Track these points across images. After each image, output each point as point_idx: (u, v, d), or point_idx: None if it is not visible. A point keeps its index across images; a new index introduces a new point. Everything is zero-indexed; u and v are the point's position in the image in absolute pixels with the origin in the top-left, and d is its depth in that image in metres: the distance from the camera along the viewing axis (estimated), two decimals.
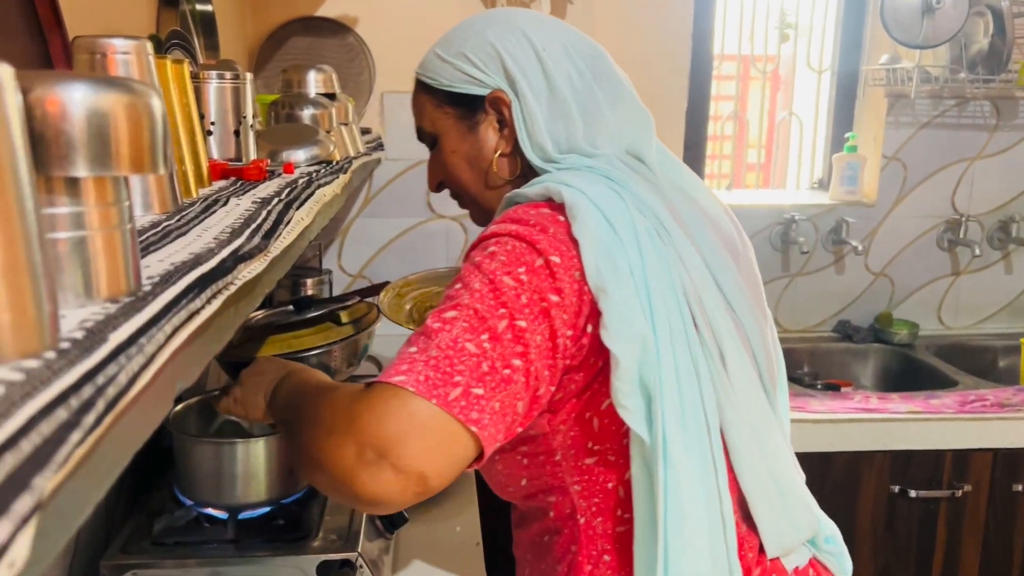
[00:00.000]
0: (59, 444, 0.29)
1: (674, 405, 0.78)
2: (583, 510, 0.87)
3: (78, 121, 0.39)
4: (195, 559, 1.02)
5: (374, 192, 2.15)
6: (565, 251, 0.80)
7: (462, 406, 0.71)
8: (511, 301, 0.76)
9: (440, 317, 0.76)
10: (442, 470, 0.71)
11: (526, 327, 0.76)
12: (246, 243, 0.59)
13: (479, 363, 0.73)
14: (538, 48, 0.93)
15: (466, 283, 0.78)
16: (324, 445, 0.72)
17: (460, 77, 0.95)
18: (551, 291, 0.78)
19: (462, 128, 0.96)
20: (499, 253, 0.79)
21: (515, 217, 0.83)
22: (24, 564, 0.26)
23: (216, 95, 1.00)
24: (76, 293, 0.40)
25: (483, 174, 0.97)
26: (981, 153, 2.32)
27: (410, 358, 0.73)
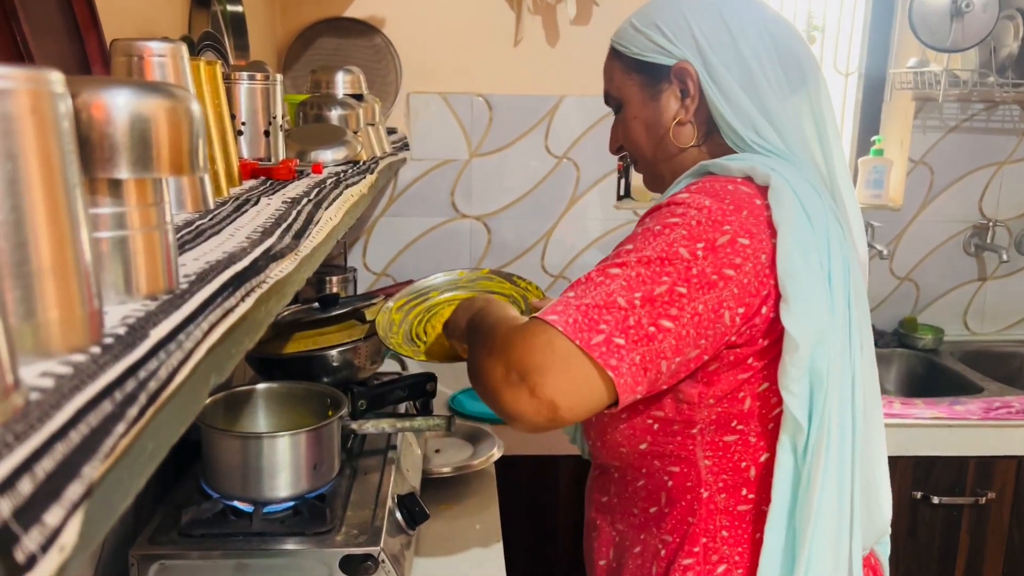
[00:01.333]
0: (105, 435, 0.30)
1: (835, 395, 0.83)
2: (708, 484, 0.90)
3: (122, 125, 0.41)
4: (220, 551, 1.04)
5: (399, 191, 2.17)
6: (756, 233, 0.83)
7: (602, 351, 0.77)
8: (680, 271, 0.80)
9: (604, 271, 0.81)
10: (573, 404, 0.78)
11: (686, 293, 0.79)
12: (277, 242, 0.61)
13: (626, 316, 0.78)
14: (729, 23, 0.94)
15: (639, 246, 0.82)
16: (484, 361, 0.82)
17: (650, 46, 0.97)
18: (728, 266, 0.81)
19: (645, 95, 0.99)
20: (682, 225, 0.82)
21: (712, 191, 0.85)
22: (72, 548, 0.27)
23: (247, 96, 1.02)
24: (117, 290, 0.42)
25: (659, 140, 0.99)
26: (1009, 158, 2.30)
27: (565, 301, 0.80)
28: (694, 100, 0.95)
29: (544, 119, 2.15)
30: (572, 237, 2.22)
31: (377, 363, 1.43)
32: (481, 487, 1.42)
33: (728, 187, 0.86)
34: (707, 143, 0.98)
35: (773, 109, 0.92)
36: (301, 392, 1.26)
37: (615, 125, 1.06)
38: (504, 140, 2.15)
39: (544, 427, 0.79)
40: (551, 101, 2.14)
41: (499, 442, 1.51)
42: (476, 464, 1.44)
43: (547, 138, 2.16)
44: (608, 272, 0.81)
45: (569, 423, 0.79)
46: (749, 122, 0.92)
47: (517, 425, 0.80)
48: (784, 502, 0.85)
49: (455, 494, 1.40)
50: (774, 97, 0.92)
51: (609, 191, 2.21)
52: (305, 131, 1.23)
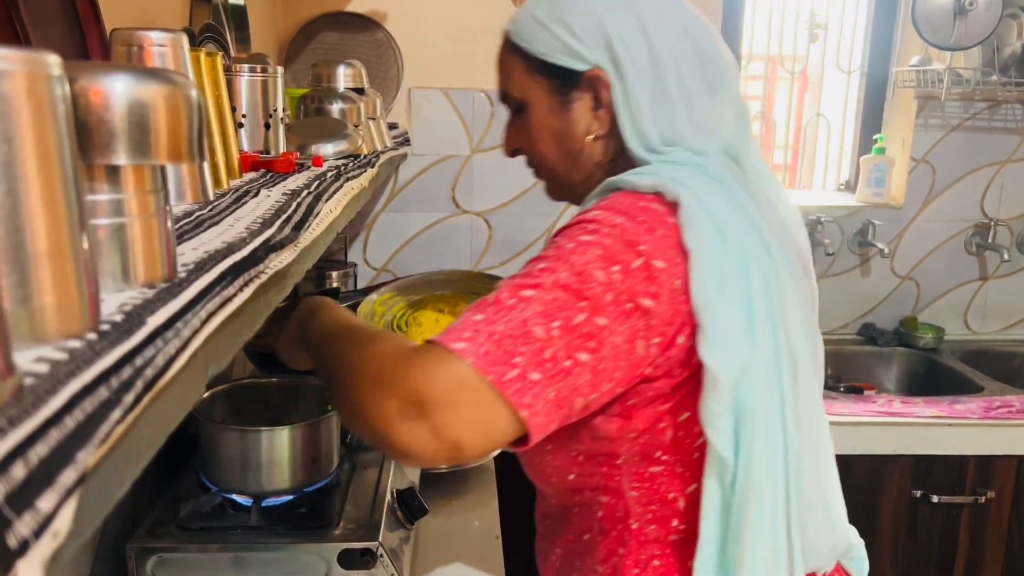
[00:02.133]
0: (100, 421, 0.30)
1: (762, 428, 0.77)
2: (637, 516, 0.85)
3: (120, 111, 0.40)
4: (219, 544, 1.04)
5: (400, 187, 2.16)
6: (671, 256, 0.76)
7: (516, 388, 0.70)
8: (596, 297, 0.73)
9: (517, 293, 0.73)
10: (479, 443, 0.71)
11: (605, 325, 0.73)
12: (277, 233, 0.61)
13: (542, 349, 0.71)
14: (648, 26, 0.86)
15: (553, 266, 0.75)
16: (369, 393, 0.72)
17: (558, 47, 0.87)
18: (644, 295, 0.74)
19: (554, 103, 0.89)
20: (594, 246, 0.75)
21: (623, 208, 0.78)
22: (66, 535, 0.27)
23: (247, 88, 1.01)
24: (114, 278, 0.42)
25: (571, 154, 0.91)
26: (1012, 157, 2.29)
27: (475, 327, 0.72)
28: (609, 111, 0.87)
29: None
30: None
31: None
32: (480, 482, 1.42)
33: (639, 204, 0.79)
34: (620, 158, 0.89)
35: (681, 127, 0.86)
36: (300, 386, 1.26)
37: (512, 127, 0.96)
38: None
39: (441, 464, 0.74)
40: None
41: None
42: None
43: None
44: (522, 295, 0.73)
45: (469, 461, 0.74)
46: (645, 144, 0.86)
47: (409, 462, 0.74)
48: (713, 538, 0.80)
49: (454, 489, 1.40)
50: (686, 110, 0.86)
51: None
52: (306, 124, 1.23)
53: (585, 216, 0.79)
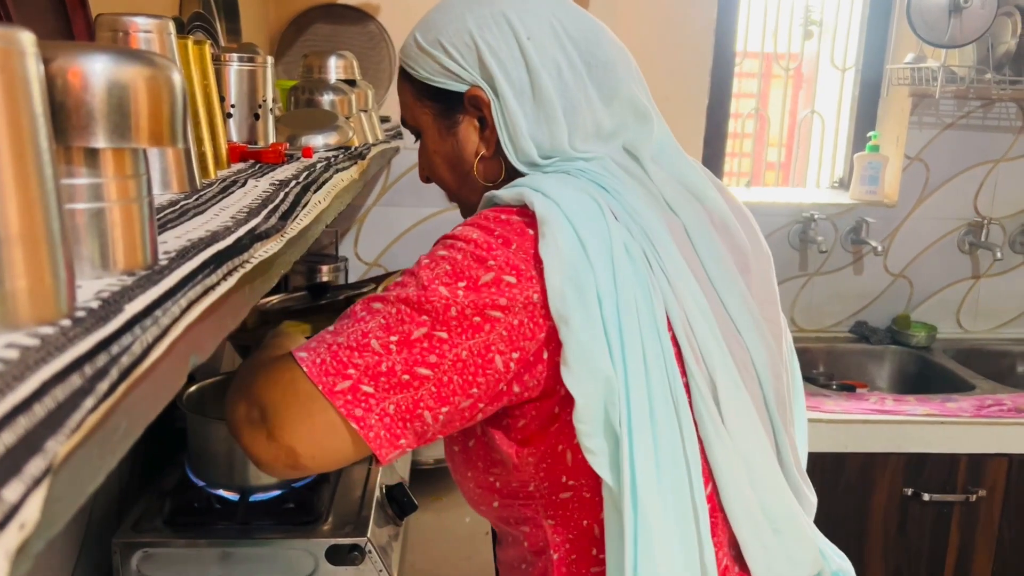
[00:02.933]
0: (72, 409, 0.29)
1: (646, 447, 0.73)
2: (557, 545, 0.82)
3: (99, 92, 0.39)
4: (206, 539, 1.03)
5: (392, 181, 2.15)
6: (524, 270, 0.74)
7: (347, 400, 0.70)
8: (437, 312, 0.72)
9: (368, 306, 0.75)
10: (315, 453, 0.72)
11: (447, 338, 0.72)
12: (263, 223, 0.60)
13: (379, 362, 0.71)
14: (521, 36, 0.83)
15: (404, 280, 0.75)
16: (230, 397, 0.77)
17: (437, 70, 0.86)
18: (492, 308, 0.73)
19: (441, 127, 0.88)
20: (445, 261, 0.75)
21: (481, 223, 0.77)
22: (34, 527, 0.26)
23: (236, 78, 1.00)
24: (93, 264, 0.40)
25: (464, 176, 0.90)
26: (1005, 155, 2.29)
27: (321, 337, 0.74)
28: (494, 131, 0.84)
29: None
30: None
31: None
32: None
33: (501, 217, 0.77)
34: (517, 175, 0.85)
35: (561, 139, 0.83)
36: None
37: (419, 152, 0.95)
38: None
39: (286, 474, 0.74)
40: None
41: None
42: None
43: None
44: (371, 307, 0.74)
45: (315, 472, 0.74)
46: (526, 160, 0.83)
47: (259, 468, 0.75)
48: (616, 563, 0.75)
49: (445, 486, 1.39)
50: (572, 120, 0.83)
51: None
52: (296, 115, 1.21)
53: (448, 233, 0.78)
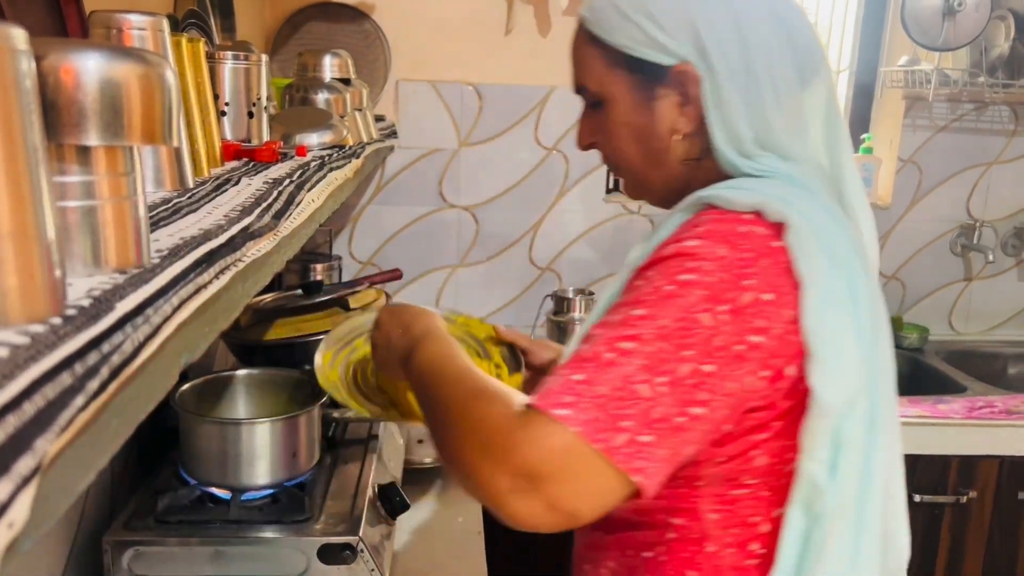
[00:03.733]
0: (62, 408, 0.29)
1: (857, 458, 0.75)
2: (716, 539, 0.80)
3: (91, 90, 0.39)
4: (197, 538, 1.02)
5: (386, 180, 2.15)
6: (779, 286, 0.71)
7: (626, 454, 0.67)
8: (702, 343, 0.68)
9: (614, 345, 0.69)
10: (595, 509, 0.69)
11: (715, 372, 0.69)
12: (256, 221, 0.59)
13: (650, 408, 0.67)
14: (739, 15, 0.80)
15: (652, 312, 0.70)
16: (479, 464, 0.69)
17: (643, 40, 0.81)
18: (753, 332, 0.70)
19: (637, 99, 0.83)
20: (699, 284, 0.70)
21: (724, 236, 0.73)
22: (23, 525, 0.26)
23: (231, 76, 1.00)
24: (84, 262, 0.40)
25: (654, 153, 0.85)
26: (998, 158, 2.30)
27: (575, 390, 0.68)
28: (696, 108, 0.81)
29: (534, 110, 2.14)
30: (560, 230, 2.21)
31: None
32: None
33: (740, 229, 0.73)
34: (707, 157, 0.84)
35: (775, 127, 0.80)
36: (282, 379, 1.25)
37: (589, 120, 0.90)
38: (494, 130, 2.14)
39: (557, 530, 0.70)
40: (541, 92, 2.13)
41: None
42: None
43: (537, 129, 2.15)
44: (620, 347, 0.69)
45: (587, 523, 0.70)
46: (736, 144, 0.81)
47: (524, 529, 0.71)
48: (790, 565, 0.76)
49: (437, 485, 1.39)
50: (778, 108, 0.80)
51: (598, 184, 2.20)
52: (290, 114, 1.21)
53: (684, 248, 0.72)
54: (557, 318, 1.86)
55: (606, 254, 2.24)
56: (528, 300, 2.20)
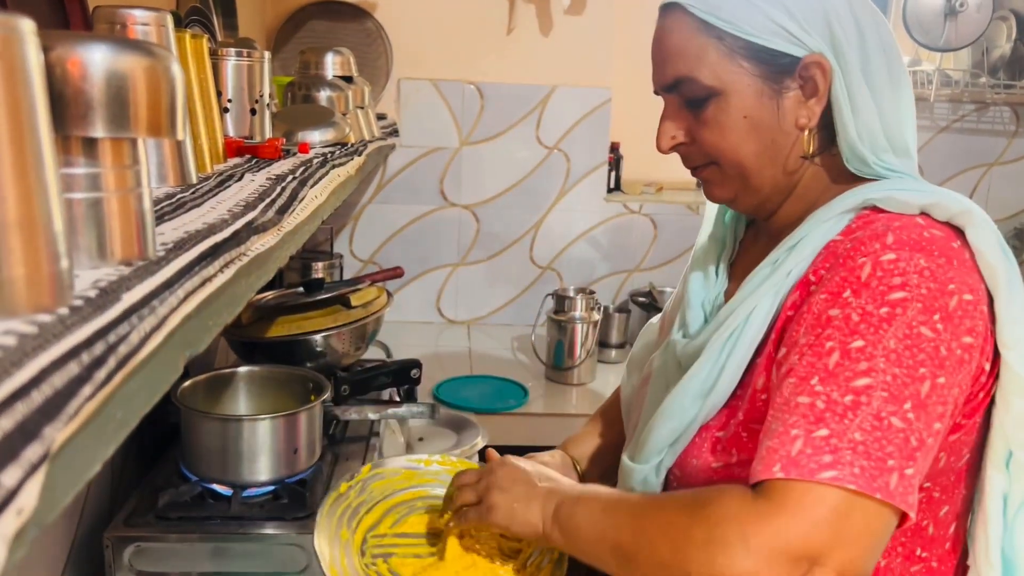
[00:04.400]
0: (70, 396, 0.29)
1: None
2: (887, 550, 0.76)
3: (98, 81, 0.39)
4: (198, 534, 1.02)
5: (387, 178, 2.15)
6: (973, 285, 0.71)
7: (901, 493, 0.64)
8: (931, 357, 0.67)
9: (850, 387, 0.66)
10: (877, 554, 0.66)
11: (946, 383, 0.68)
12: (260, 216, 0.60)
13: (907, 438, 0.65)
14: (857, 14, 0.78)
15: (873, 339, 0.67)
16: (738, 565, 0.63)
17: (775, 30, 0.77)
18: (966, 334, 0.69)
19: (763, 91, 0.78)
20: (913, 299, 0.68)
21: (917, 244, 0.70)
22: (31, 512, 0.26)
23: (233, 72, 1.00)
24: (90, 254, 0.40)
25: (772, 148, 0.80)
26: (999, 159, 2.30)
27: (829, 446, 0.64)
28: (820, 102, 0.78)
29: (536, 109, 2.14)
30: (561, 229, 2.21)
31: (361, 349, 1.42)
32: None
33: (924, 234, 0.71)
34: (823, 155, 0.81)
35: (890, 120, 0.79)
36: (283, 376, 1.25)
37: (681, 118, 0.83)
38: (495, 129, 2.14)
39: None
40: (543, 91, 2.13)
41: (483, 431, 1.50)
42: (459, 453, 1.42)
43: (538, 128, 2.15)
44: (855, 386, 0.66)
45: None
46: (869, 141, 0.78)
47: None
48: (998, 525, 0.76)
49: None
50: (890, 104, 0.79)
51: (599, 183, 2.20)
52: (292, 111, 1.21)
53: (881, 263, 0.70)
54: (557, 317, 1.86)
55: (607, 253, 2.24)
56: (529, 299, 2.20)
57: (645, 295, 2.16)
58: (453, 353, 2.03)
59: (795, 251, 0.77)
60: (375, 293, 1.45)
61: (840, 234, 0.76)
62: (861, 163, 0.79)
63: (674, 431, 0.81)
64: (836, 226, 0.77)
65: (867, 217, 0.76)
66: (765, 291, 0.77)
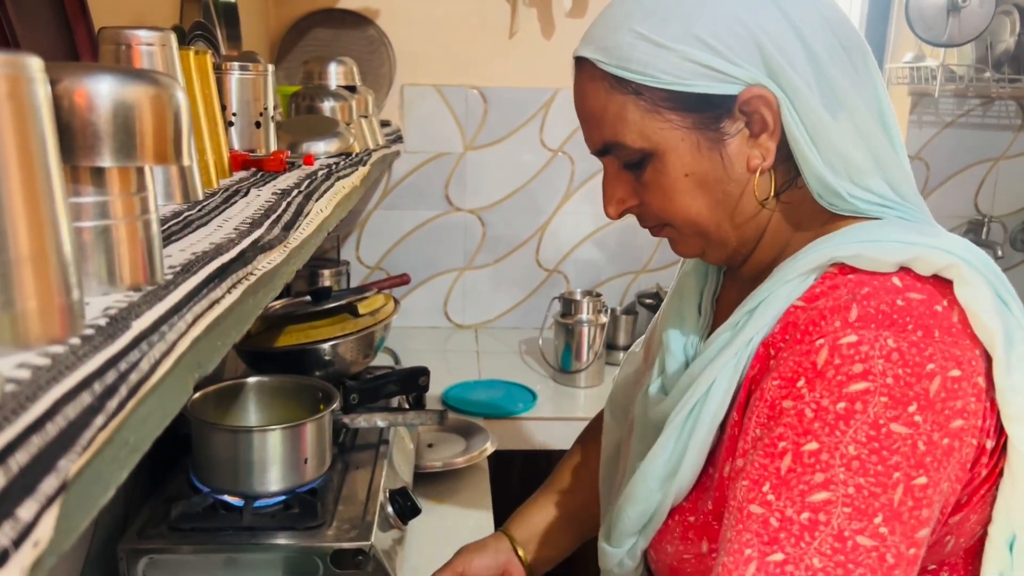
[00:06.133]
0: (83, 427, 0.30)
1: None
2: None
3: (104, 112, 0.40)
4: (211, 545, 1.03)
5: (393, 184, 2.16)
6: (960, 357, 0.60)
7: None
8: (907, 457, 0.57)
9: (805, 503, 0.58)
10: None
11: (929, 482, 0.58)
12: (266, 234, 0.60)
13: (882, 556, 0.57)
14: (795, 21, 0.67)
15: (830, 440, 0.58)
16: None
17: (697, 71, 0.67)
18: (955, 417, 0.59)
19: (700, 142, 0.69)
20: (876, 391, 0.57)
21: (883, 318, 0.60)
22: (48, 543, 0.27)
23: (238, 86, 1.01)
24: (100, 281, 0.41)
25: (725, 200, 0.71)
26: (1005, 153, 2.30)
27: (784, 572, 0.57)
28: (774, 136, 0.68)
29: (539, 112, 2.14)
30: (567, 232, 2.22)
31: (370, 357, 1.43)
32: (474, 482, 1.42)
33: (898, 302, 0.61)
34: (791, 191, 0.72)
35: (869, 129, 0.69)
36: (292, 386, 1.25)
37: (623, 182, 0.75)
38: (499, 133, 2.15)
39: None
40: (546, 94, 2.13)
41: (492, 436, 1.51)
42: (468, 459, 1.43)
43: (542, 131, 2.15)
44: (811, 502, 0.58)
45: None
46: (844, 168, 0.68)
47: None
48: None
49: (447, 489, 1.40)
50: (865, 109, 0.69)
51: None
52: (297, 122, 1.22)
53: (839, 348, 0.59)
54: (564, 320, 1.86)
55: (613, 255, 2.24)
56: (535, 302, 2.21)
57: (652, 296, 2.16)
58: (461, 357, 2.04)
59: (755, 315, 0.68)
60: (382, 301, 1.46)
61: (801, 298, 0.66)
62: (834, 197, 0.69)
63: (643, 515, 0.75)
64: (798, 288, 0.67)
65: (834, 279, 0.65)
66: (725, 361, 0.69)
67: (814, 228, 0.72)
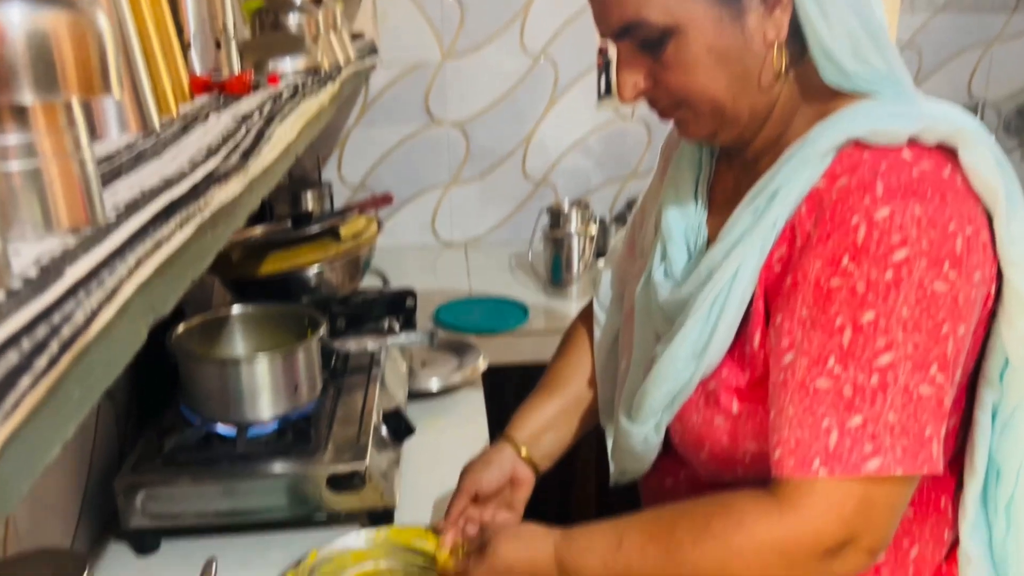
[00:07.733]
0: (8, 388, 0.28)
1: None
2: (917, 536, 0.79)
3: (18, 44, 0.37)
4: (207, 476, 1.04)
5: (371, 100, 2.09)
6: (971, 213, 0.67)
7: (938, 456, 0.65)
8: (950, 311, 0.65)
9: (870, 366, 0.65)
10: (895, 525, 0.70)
11: (965, 331, 0.67)
12: (222, 164, 0.57)
13: (939, 400, 0.65)
14: None
15: (885, 307, 0.64)
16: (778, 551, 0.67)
17: None
18: (975, 269, 0.66)
19: (723, 16, 0.70)
20: (916, 255, 0.64)
21: (907, 189, 0.66)
22: None
23: (195, 5, 0.95)
24: (35, 226, 0.39)
25: (744, 75, 0.73)
26: (999, 36, 2.23)
27: (867, 433, 0.64)
28: (786, 11, 0.70)
29: (519, 15, 2.06)
30: (554, 140, 2.17)
31: (356, 279, 1.41)
32: (468, 399, 1.42)
33: (913, 173, 0.67)
34: (795, 69, 0.75)
35: (868, 10, 0.71)
36: (279, 313, 1.24)
37: (641, 63, 0.75)
38: (477, 40, 2.07)
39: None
40: None
41: (483, 353, 1.50)
42: (462, 377, 1.43)
43: (522, 35, 2.08)
44: (878, 364, 0.64)
45: None
46: (851, 44, 0.70)
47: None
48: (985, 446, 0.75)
49: (442, 407, 1.40)
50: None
51: (589, 90, 2.14)
52: (261, 41, 1.17)
53: (876, 222, 0.65)
54: (553, 233, 1.84)
55: (601, 162, 2.20)
56: (523, 216, 2.18)
57: None
58: (451, 275, 2.02)
59: (777, 199, 0.72)
60: (364, 223, 1.43)
61: (822, 179, 0.71)
62: (839, 75, 0.72)
63: (670, 393, 0.80)
64: (818, 168, 0.71)
65: (849, 156, 0.70)
66: (751, 244, 0.73)
67: (816, 106, 0.76)
